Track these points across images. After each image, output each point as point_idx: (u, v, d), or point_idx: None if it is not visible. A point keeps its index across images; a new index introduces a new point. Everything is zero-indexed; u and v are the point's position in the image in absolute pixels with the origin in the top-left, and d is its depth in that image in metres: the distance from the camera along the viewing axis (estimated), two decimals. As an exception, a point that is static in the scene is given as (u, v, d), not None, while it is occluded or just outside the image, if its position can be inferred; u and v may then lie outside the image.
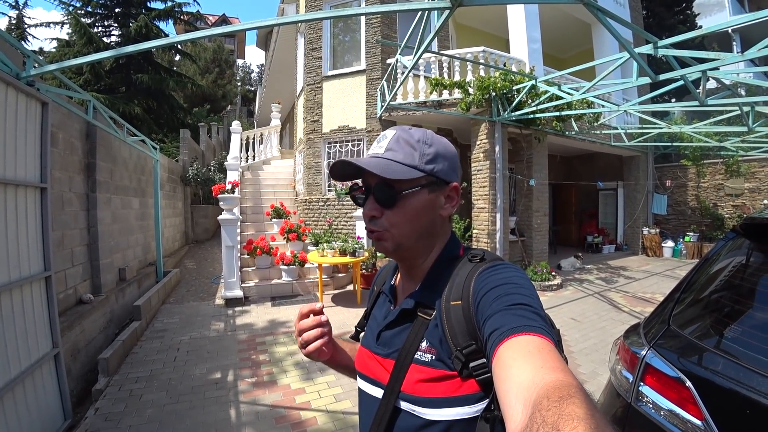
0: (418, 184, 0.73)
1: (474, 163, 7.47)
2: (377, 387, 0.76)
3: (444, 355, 0.66)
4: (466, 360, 0.63)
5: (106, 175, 4.86)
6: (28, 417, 2.51)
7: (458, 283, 0.70)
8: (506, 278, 0.65)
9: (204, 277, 8.01)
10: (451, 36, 9.03)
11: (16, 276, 2.54)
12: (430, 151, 0.74)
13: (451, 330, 0.66)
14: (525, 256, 7.62)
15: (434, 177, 0.74)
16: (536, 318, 0.57)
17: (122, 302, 5.00)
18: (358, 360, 0.85)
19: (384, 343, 0.78)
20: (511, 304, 0.59)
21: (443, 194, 0.76)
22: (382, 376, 0.74)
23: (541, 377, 0.46)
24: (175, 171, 10.36)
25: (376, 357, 0.78)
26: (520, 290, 0.62)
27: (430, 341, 0.69)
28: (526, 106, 6.39)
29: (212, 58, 26.55)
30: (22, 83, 2.58)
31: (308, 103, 8.75)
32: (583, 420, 0.38)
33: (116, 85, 14.07)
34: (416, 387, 0.67)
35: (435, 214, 0.76)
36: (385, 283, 0.89)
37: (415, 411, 0.67)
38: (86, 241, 4.33)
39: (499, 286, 0.63)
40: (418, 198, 0.73)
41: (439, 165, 0.74)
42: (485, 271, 0.68)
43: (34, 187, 2.79)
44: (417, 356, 0.69)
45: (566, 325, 4.94)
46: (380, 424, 0.70)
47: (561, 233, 12.05)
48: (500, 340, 0.54)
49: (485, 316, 0.60)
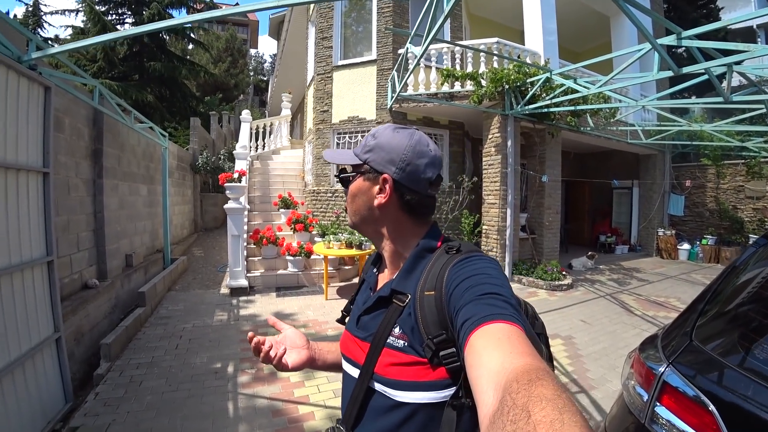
0: (355, 171, 0.84)
1: (485, 158, 7.34)
2: (355, 368, 0.80)
3: (415, 343, 0.69)
4: (437, 349, 0.66)
5: (114, 161, 4.87)
6: (28, 399, 2.53)
7: (433, 273, 0.72)
8: (478, 269, 0.68)
9: (211, 266, 8.06)
10: (464, 26, 8.83)
11: (17, 260, 2.54)
12: (371, 143, 0.82)
13: (424, 319, 0.69)
14: (535, 254, 7.49)
15: (368, 166, 0.81)
16: (506, 306, 0.59)
17: (128, 288, 5.04)
18: (341, 342, 0.90)
19: (362, 326, 0.82)
20: (482, 294, 0.61)
21: (377, 184, 0.81)
22: (360, 358, 0.78)
23: (510, 362, 0.48)
24: (185, 159, 10.40)
25: (356, 339, 0.83)
26: (491, 280, 0.65)
27: (403, 328, 0.72)
28: (540, 99, 6.21)
29: (225, 47, 26.53)
30: (24, 67, 2.55)
31: (318, 93, 8.67)
32: (551, 401, 0.40)
33: (130, 73, 14.16)
34: (388, 369, 0.71)
35: (369, 201, 0.82)
36: (368, 272, 0.95)
37: (387, 392, 0.71)
38: (92, 227, 4.35)
39: (470, 277, 0.66)
40: (355, 183, 0.84)
41: (374, 155, 0.81)
42: (459, 263, 0.70)
43: (36, 172, 2.78)
44: (390, 341, 0.73)
45: (575, 328, 4.83)
46: (355, 402, 0.75)
47: (573, 232, 11.81)
48: (471, 329, 0.56)
49: (457, 307, 0.62)
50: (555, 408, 0.39)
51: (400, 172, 0.78)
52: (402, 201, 0.80)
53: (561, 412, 0.38)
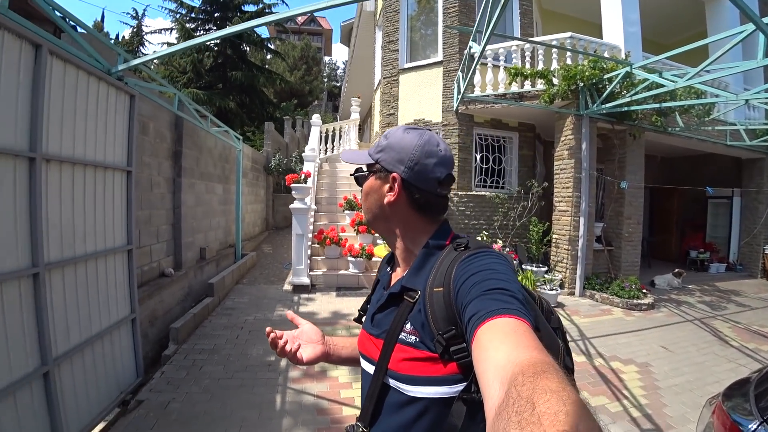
0: (368, 170, 0.88)
1: (557, 161, 6.85)
2: (371, 365, 0.82)
3: (426, 339, 0.71)
4: (447, 344, 0.67)
5: (192, 162, 5.36)
6: (105, 370, 2.85)
7: (441, 270, 0.74)
8: (484, 265, 0.68)
9: (278, 262, 8.50)
10: (535, 22, 8.36)
11: (102, 247, 2.88)
12: (383, 143, 0.85)
13: (433, 315, 0.70)
14: (611, 267, 6.81)
15: (379, 165, 0.84)
16: (513, 301, 0.59)
17: (200, 279, 5.50)
18: (359, 341, 0.93)
19: (376, 324, 0.85)
20: (489, 289, 0.62)
21: (387, 182, 0.83)
22: (375, 354, 0.80)
23: (516, 356, 0.48)
24: (259, 161, 11.15)
25: (370, 337, 0.85)
26: (498, 275, 0.65)
27: (414, 324, 0.74)
28: (620, 97, 5.64)
29: (300, 55, 28.14)
30: (113, 78, 2.89)
31: (384, 96, 8.77)
32: (555, 393, 0.40)
33: (214, 83, 15.59)
34: (400, 365, 0.73)
35: (380, 200, 0.84)
36: (382, 271, 0.97)
37: (400, 387, 0.73)
38: (171, 221, 4.82)
39: (477, 273, 0.66)
40: (367, 182, 0.88)
41: (385, 155, 0.84)
42: (466, 259, 0.71)
43: (121, 170, 3.14)
44: (402, 337, 0.75)
45: (654, 354, 4.26)
46: (371, 398, 0.77)
47: (657, 245, 10.55)
48: (478, 324, 0.57)
49: (464, 303, 0.63)
50: (559, 400, 0.39)
51: (408, 171, 0.80)
52: (411, 199, 0.82)
53: (565, 403, 0.39)
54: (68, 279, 2.52)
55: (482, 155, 7.78)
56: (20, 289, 2.14)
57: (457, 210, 7.44)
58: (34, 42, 2.16)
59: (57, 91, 2.38)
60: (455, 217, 7.46)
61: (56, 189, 2.42)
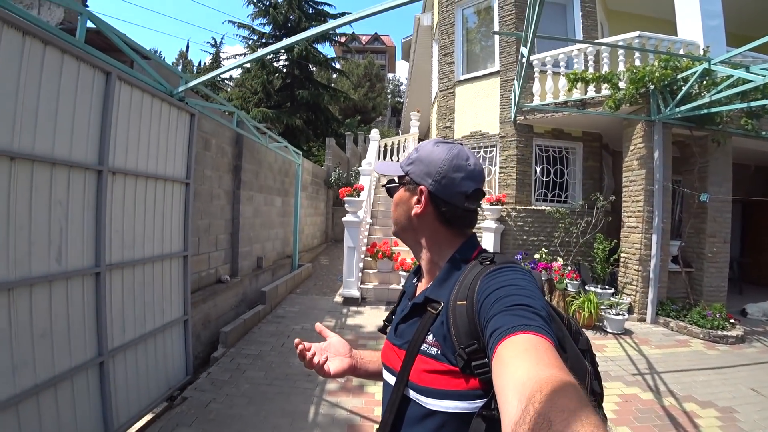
0: (399, 182, 0.91)
1: (626, 173, 6.24)
2: (392, 375, 0.82)
3: (448, 352, 0.71)
4: (469, 359, 0.67)
5: (251, 175, 5.73)
6: (156, 365, 3.09)
7: (465, 284, 0.74)
8: (509, 280, 0.68)
9: (332, 274, 8.71)
10: (600, 24, 7.79)
11: (159, 252, 3.16)
12: (414, 156, 0.88)
13: (456, 329, 0.70)
14: (691, 292, 5.97)
15: (409, 177, 0.87)
16: (535, 318, 0.59)
17: (255, 286, 5.80)
18: (382, 352, 0.93)
19: (400, 334, 0.85)
20: (511, 305, 0.62)
21: (415, 195, 0.85)
22: (397, 365, 0.80)
23: (536, 373, 0.48)
24: (319, 175, 11.62)
25: (393, 347, 0.86)
26: (521, 291, 0.65)
27: (436, 336, 0.74)
28: (698, 98, 5.00)
29: (364, 73, 29.22)
30: (175, 98, 3.21)
31: (440, 109, 8.73)
32: (573, 412, 0.40)
33: (283, 102, 16.74)
34: (421, 377, 0.73)
35: (408, 211, 0.87)
36: (408, 282, 0.99)
37: (420, 400, 0.73)
38: (230, 231, 5.17)
39: (501, 288, 0.66)
40: (397, 193, 0.91)
41: (414, 167, 0.86)
42: (490, 274, 0.71)
43: (180, 183, 3.44)
44: (423, 348, 0.75)
45: (741, 397, 3.61)
46: (391, 409, 0.77)
47: (751, 268, 9.05)
48: (499, 339, 0.57)
49: (487, 318, 0.63)
50: (577, 419, 0.39)
51: (435, 185, 0.82)
52: (438, 212, 0.84)
53: (583, 424, 0.38)
54: (126, 279, 2.79)
55: (542, 167, 7.35)
56: (83, 286, 2.41)
57: (515, 225, 7.07)
58: (105, 70, 2.47)
59: (124, 112, 2.68)
60: (512, 233, 7.09)
61: (120, 198, 2.71)
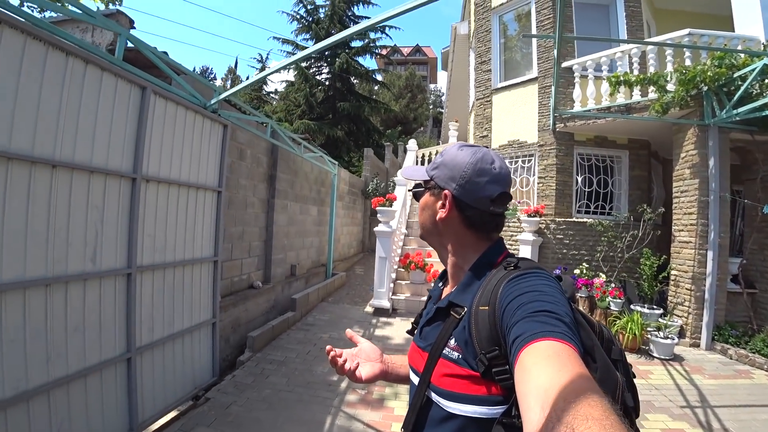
0: (424, 186, 0.92)
1: (676, 182, 5.74)
2: (417, 376, 0.83)
3: (469, 356, 0.71)
4: (489, 364, 0.67)
5: (286, 185, 5.91)
6: (182, 366, 3.22)
7: (488, 289, 0.73)
8: (532, 286, 0.68)
9: (366, 284, 8.71)
10: (646, 23, 7.29)
11: (189, 256, 3.31)
12: (438, 160, 0.88)
13: (478, 334, 0.70)
14: (754, 316, 5.32)
15: (434, 182, 0.88)
16: (559, 324, 0.58)
17: (287, 293, 5.93)
18: (409, 354, 0.95)
19: (424, 336, 0.87)
20: (534, 311, 0.61)
21: (440, 199, 0.86)
22: (421, 366, 0.81)
23: (559, 380, 0.48)
24: (356, 185, 11.77)
25: (418, 349, 0.87)
26: (545, 297, 0.64)
27: (458, 341, 0.74)
28: (760, 98, 4.52)
29: (405, 84, 29.47)
30: (208, 110, 3.39)
31: (477, 118, 8.58)
32: (598, 420, 0.40)
33: (325, 114, 17.25)
34: (442, 380, 0.74)
35: (433, 215, 0.88)
36: (434, 286, 1.00)
37: (440, 402, 0.73)
38: (263, 238, 5.34)
39: (524, 294, 0.66)
40: (423, 198, 0.92)
41: (439, 172, 0.87)
42: (513, 279, 0.71)
43: (212, 191, 3.60)
44: (445, 352, 0.75)
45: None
46: (414, 410, 0.79)
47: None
48: (522, 346, 0.57)
49: (509, 324, 0.63)
50: (601, 428, 0.39)
51: (459, 189, 0.83)
52: (463, 216, 0.84)
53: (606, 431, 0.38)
54: (157, 281, 2.94)
55: (584, 177, 6.95)
56: (115, 286, 2.56)
57: (554, 238, 6.71)
58: (141, 84, 2.66)
59: (158, 123, 2.86)
60: (551, 246, 6.73)
61: (153, 204, 2.88)
